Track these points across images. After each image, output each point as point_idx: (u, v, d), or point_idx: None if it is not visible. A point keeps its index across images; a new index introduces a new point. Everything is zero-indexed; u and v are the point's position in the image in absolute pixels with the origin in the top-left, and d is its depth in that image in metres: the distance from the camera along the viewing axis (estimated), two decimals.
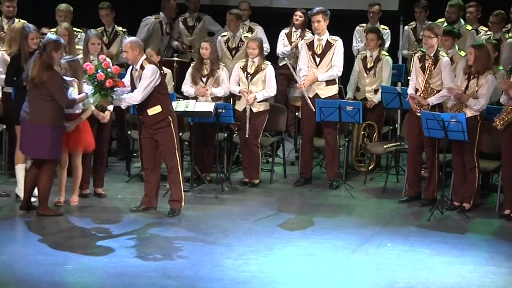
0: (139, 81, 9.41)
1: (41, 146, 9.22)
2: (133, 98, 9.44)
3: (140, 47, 9.64)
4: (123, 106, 9.76)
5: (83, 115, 9.77)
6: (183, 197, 9.69)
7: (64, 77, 9.43)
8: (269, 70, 10.60)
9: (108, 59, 9.82)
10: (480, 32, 11.68)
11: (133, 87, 9.48)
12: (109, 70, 9.29)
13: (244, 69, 10.64)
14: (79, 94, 9.56)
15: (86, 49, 10.30)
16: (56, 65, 9.30)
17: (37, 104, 9.23)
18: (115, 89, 9.35)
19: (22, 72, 9.42)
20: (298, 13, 12.20)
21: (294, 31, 12.21)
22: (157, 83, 9.42)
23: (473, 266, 8.25)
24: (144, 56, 9.64)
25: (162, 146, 9.57)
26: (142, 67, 9.46)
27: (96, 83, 9.21)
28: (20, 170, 9.92)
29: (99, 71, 9.17)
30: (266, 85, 10.51)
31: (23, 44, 10.01)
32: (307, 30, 12.07)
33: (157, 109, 9.46)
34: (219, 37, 12.04)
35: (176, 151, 9.55)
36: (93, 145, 10.01)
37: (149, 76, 9.37)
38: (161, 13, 12.89)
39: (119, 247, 8.59)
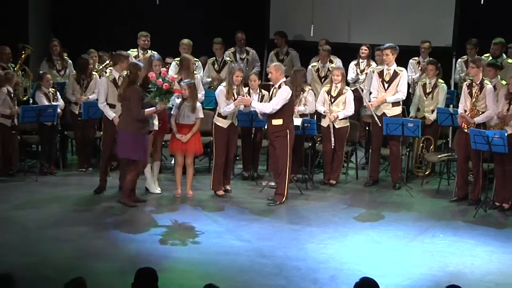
0: (275, 96, 9.66)
1: (125, 148, 9.36)
2: (266, 107, 9.71)
3: (282, 70, 9.90)
4: (258, 112, 9.88)
5: (194, 128, 9.87)
6: (285, 193, 9.75)
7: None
8: (349, 93, 10.57)
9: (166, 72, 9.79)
10: None
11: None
12: (166, 78, 9.40)
13: (328, 92, 10.64)
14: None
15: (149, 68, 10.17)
16: (138, 82, 9.37)
17: (124, 115, 9.42)
18: (173, 95, 9.52)
19: None
20: (364, 47, 12.14)
21: (361, 62, 12.14)
22: (286, 102, 9.60)
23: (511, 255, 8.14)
24: (284, 78, 9.88)
25: (278, 151, 9.68)
26: (279, 86, 9.66)
27: (156, 87, 9.33)
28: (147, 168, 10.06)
29: (159, 78, 9.31)
30: (346, 106, 10.49)
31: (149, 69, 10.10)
32: (372, 60, 12.02)
33: (279, 121, 9.63)
34: (310, 66, 12.02)
35: (288, 157, 9.64)
36: (200, 150, 10.11)
37: (283, 95, 9.60)
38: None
39: (224, 230, 8.68)
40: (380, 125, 10.40)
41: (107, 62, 11.47)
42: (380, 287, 4.89)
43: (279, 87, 9.71)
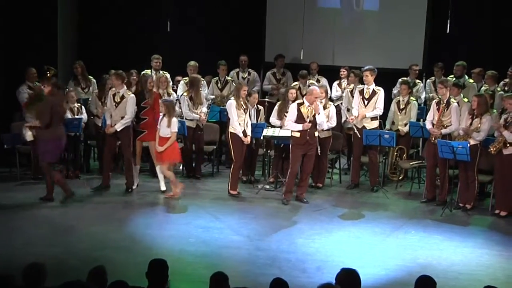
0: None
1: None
2: (324, 124, 9.88)
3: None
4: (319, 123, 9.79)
5: (169, 140, 9.78)
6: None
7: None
8: (332, 108, 10.49)
9: None
10: (483, 87, 11.45)
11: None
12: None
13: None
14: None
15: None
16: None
17: None
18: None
19: None
20: (342, 69, 12.09)
21: (342, 81, 12.09)
22: None
23: (473, 249, 8.14)
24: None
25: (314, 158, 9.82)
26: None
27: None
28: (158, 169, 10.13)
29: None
30: (329, 119, 10.37)
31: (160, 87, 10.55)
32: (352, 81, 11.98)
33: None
34: (292, 85, 11.92)
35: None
36: (176, 159, 10.01)
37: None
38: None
39: (225, 227, 8.66)
40: (360, 136, 10.40)
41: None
42: (359, 275, 4.86)
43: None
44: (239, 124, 9.95)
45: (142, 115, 10.18)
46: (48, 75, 11.08)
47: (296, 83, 11.96)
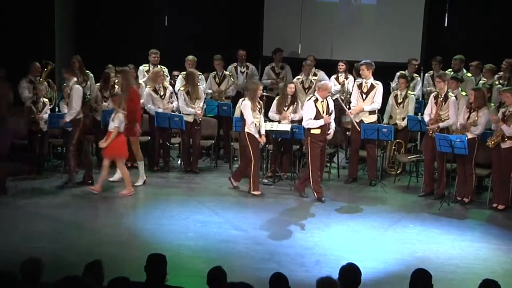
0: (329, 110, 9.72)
1: None
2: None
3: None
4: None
5: (110, 135, 9.64)
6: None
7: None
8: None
9: None
10: (481, 80, 11.47)
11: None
12: None
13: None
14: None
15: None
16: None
17: None
18: None
19: None
20: (341, 63, 12.07)
21: (340, 75, 12.07)
22: None
23: (471, 242, 8.16)
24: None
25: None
26: (327, 100, 9.77)
27: None
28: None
29: None
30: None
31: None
32: (349, 74, 11.96)
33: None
34: (295, 79, 11.94)
35: None
36: (121, 155, 9.75)
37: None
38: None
39: (224, 222, 8.67)
40: (358, 130, 10.40)
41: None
42: (360, 270, 4.89)
43: (326, 100, 9.75)
44: (255, 124, 9.87)
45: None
46: (46, 69, 11.13)
47: (299, 76, 11.94)
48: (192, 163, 11.02)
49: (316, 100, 9.69)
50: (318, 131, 9.65)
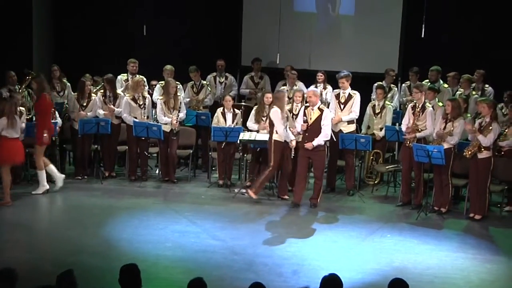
0: (319, 120, 9.67)
1: None
2: (325, 136, 9.75)
3: (318, 96, 9.93)
4: (322, 142, 9.73)
5: None
6: (319, 197, 9.87)
7: None
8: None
9: None
10: (458, 91, 11.56)
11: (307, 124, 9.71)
12: None
13: (290, 111, 10.48)
14: None
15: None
16: None
17: None
18: None
19: None
20: (319, 73, 12.03)
21: (318, 86, 12.02)
22: None
23: (448, 252, 8.17)
24: (320, 103, 9.89)
25: (318, 163, 9.81)
26: (320, 109, 9.74)
27: None
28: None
29: None
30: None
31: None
32: (328, 84, 11.94)
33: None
34: (281, 88, 11.79)
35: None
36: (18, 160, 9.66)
37: (329, 118, 9.79)
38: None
39: (202, 231, 8.61)
40: (335, 140, 10.39)
41: (101, 84, 11.39)
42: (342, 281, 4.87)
43: (319, 109, 9.73)
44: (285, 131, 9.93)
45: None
46: (28, 78, 11.03)
47: (283, 87, 11.89)
48: (169, 173, 10.95)
49: (307, 107, 9.85)
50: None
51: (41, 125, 9.91)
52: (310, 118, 9.75)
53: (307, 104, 9.90)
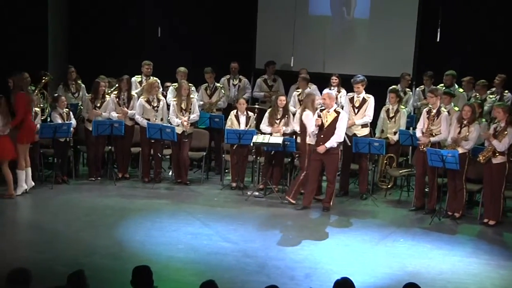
0: (334, 123, 9.64)
1: None
2: (338, 138, 9.67)
3: (333, 98, 9.88)
4: (335, 145, 9.67)
5: None
6: (331, 201, 9.86)
7: None
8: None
9: None
10: (473, 96, 11.50)
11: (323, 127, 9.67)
12: None
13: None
14: None
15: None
16: None
17: None
18: None
19: None
20: (333, 77, 11.98)
21: (332, 89, 11.93)
22: None
23: (461, 258, 8.12)
24: (336, 105, 9.90)
25: (331, 167, 9.75)
26: (336, 112, 9.72)
27: None
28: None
29: None
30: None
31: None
32: (342, 88, 11.90)
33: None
34: (294, 92, 11.85)
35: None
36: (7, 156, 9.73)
37: (345, 121, 9.78)
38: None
39: (214, 234, 8.62)
40: (349, 144, 10.37)
41: (115, 86, 11.43)
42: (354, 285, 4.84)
43: (336, 112, 9.71)
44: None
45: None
46: (44, 80, 11.09)
47: (299, 90, 11.85)
48: (182, 175, 10.97)
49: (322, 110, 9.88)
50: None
51: (18, 124, 9.80)
52: (326, 121, 9.73)
53: (323, 107, 9.88)
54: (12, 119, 9.80)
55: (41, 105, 11.00)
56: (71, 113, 10.87)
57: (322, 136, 9.71)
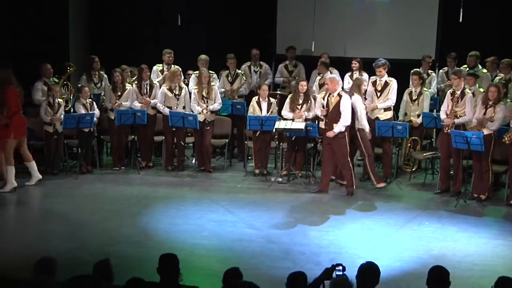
0: (337, 107, 9.65)
1: None
2: (345, 122, 9.64)
3: (337, 82, 9.94)
4: (342, 129, 9.64)
5: None
6: (353, 184, 9.81)
7: None
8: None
9: None
10: (498, 76, 11.35)
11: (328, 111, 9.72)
12: None
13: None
14: None
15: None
16: None
17: None
18: None
19: None
20: (354, 61, 11.85)
21: (354, 73, 11.86)
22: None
23: (487, 240, 8.06)
24: (340, 88, 9.92)
25: (339, 152, 9.73)
26: (339, 95, 9.69)
27: None
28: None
29: None
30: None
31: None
32: (363, 71, 11.80)
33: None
34: (317, 76, 11.84)
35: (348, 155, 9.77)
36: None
37: (348, 104, 9.68)
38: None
39: (238, 220, 8.63)
40: (369, 129, 10.22)
41: (137, 76, 11.47)
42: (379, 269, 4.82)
43: (339, 95, 9.69)
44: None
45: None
46: (68, 71, 11.17)
47: (321, 74, 11.77)
48: (205, 163, 10.99)
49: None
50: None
51: (8, 118, 9.64)
52: (331, 103, 9.71)
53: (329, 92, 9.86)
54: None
55: (64, 96, 11.09)
56: (94, 103, 10.93)
57: (327, 120, 9.69)
